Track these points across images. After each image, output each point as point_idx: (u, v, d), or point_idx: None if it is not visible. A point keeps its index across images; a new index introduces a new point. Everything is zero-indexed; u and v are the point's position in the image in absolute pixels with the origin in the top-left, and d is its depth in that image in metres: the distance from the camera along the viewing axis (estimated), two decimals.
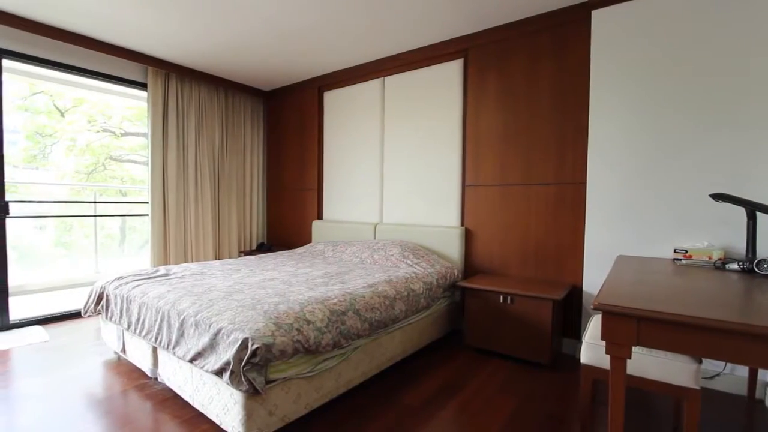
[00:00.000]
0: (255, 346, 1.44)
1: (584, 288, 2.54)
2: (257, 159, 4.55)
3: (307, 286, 2.19)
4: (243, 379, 1.44)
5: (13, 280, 3.11)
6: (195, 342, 1.67)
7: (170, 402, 1.97)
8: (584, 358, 1.58)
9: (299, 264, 2.93)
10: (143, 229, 5.13)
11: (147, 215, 3.66)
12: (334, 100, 3.96)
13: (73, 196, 5.43)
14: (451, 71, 3.12)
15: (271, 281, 2.29)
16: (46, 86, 5.35)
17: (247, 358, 1.43)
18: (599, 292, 1.23)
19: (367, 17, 2.74)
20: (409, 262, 2.85)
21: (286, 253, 3.58)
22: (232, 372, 1.46)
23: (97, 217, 4.89)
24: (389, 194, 3.53)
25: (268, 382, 1.53)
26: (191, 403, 1.85)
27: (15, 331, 2.96)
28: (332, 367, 1.84)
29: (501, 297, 2.50)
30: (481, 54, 2.98)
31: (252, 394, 1.49)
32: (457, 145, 3.11)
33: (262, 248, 4.38)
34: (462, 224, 3.12)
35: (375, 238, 3.52)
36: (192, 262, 3.85)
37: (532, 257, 2.78)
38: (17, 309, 3.13)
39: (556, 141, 2.65)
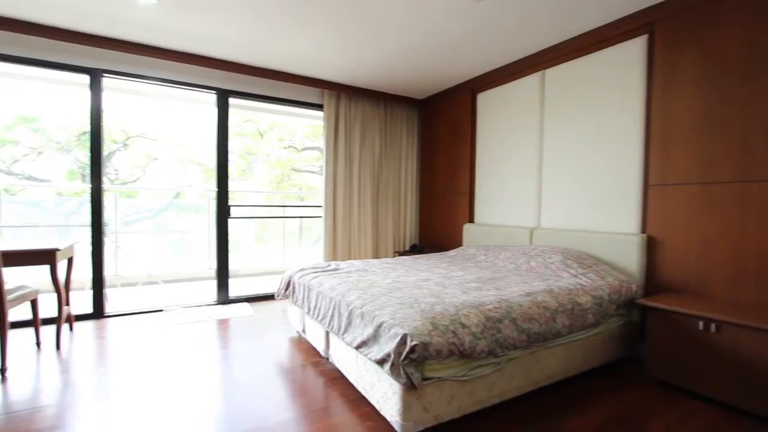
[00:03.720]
0: (413, 343, 1.52)
1: None
2: (411, 165, 4.80)
3: (461, 289, 2.19)
4: (402, 372, 1.53)
5: (230, 266, 4.04)
6: (360, 331, 1.86)
7: (338, 381, 2.24)
8: None
9: (451, 267, 2.95)
10: (316, 229, 6.00)
11: (320, 217, 4.27)
12: (487, 100, 3.87)
13: (267, 201, 6.76)
14: (629, 52, 2.67)
15: (426, 282, 2.37)
16: (252, 115, 6.82)
17: (406, 353, 1.52)
18: None
19: (526, 7, 2.58)
20: (572, 271, 2.55)
21: (437, 255, 3.66)
22: (392, 364, 1.56)
23: (284, 219, 5.96)
24: (548, 196, 3.24)
25: (424, 379, 1.59)
26: (355, 385, 2.06)
27: (232, 305, 3.84)
28: (486, 375, 1.79)
29: (701, 323, 2.01)
30: (672, 26, 2.46)
31: (409, 387, 1.56)
32: (636, 137, 2.64)
33: (414, 249, 4.59)
34: (643, 231, 2.63)
35: (531, 243, 3.28)
36: (355, 259, 4.31)
37: (750, 276, 2.14)
38: (233, 288, 4.05)
39: None
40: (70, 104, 5.51)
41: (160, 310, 3.58)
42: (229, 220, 3.90)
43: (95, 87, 3.25)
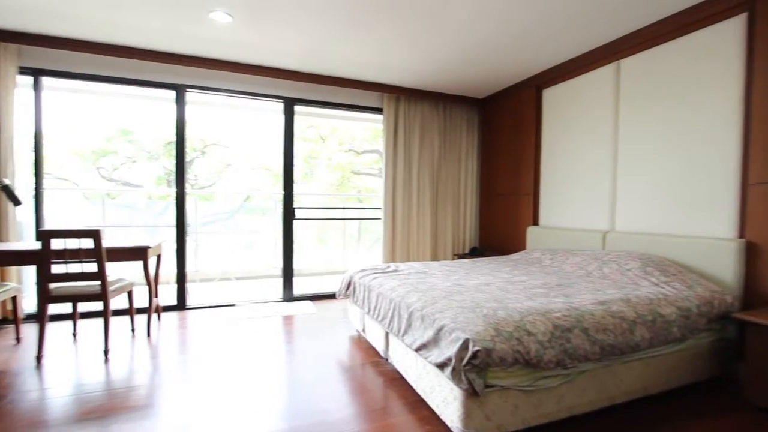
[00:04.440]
0: (476, 349, 1.48)
1: None
2: (471, 166, 4.69)
3: (525, 294, 2.09)
4: (463, 378, 1.50)
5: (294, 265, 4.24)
6: (420, 334, 1.86)
7: (397, 382, 2.25)
8: None
9: (514, 271, 2.84)
10: (374, 230, 6.09)
11: (379, 219, 4.34)
12: (554, 96, 3.67)
13: (327, 204, 7.00)
14: (723, 35, 2.38)
15: (488, 286, 2.30)
16: (315, 121, 7.12)
17: (468, 358, 1.48)
18: None
19: None
20: (653, 279, 2.33)
21: (499, 258, 3.54)
22: (453, 369, 1.54)
23: (344, 220, 6.13)
24: (624, 197, 2.99)
25: (486, 386, 1.54)
26: (414, 387, 2.06)
27: (296, 302, 4.03)
28: (554, 386, 1.69)
29: None
30: None
31: (471, 394, 1.53)
32: (732, 131, 2.34)
33: (474, 252, 4.48)
34: (741, 236, 2.32)
35: (604, 247, 3.05)
36: (413, 261, 4.31)
37: None
38: (297, 287, 4.25)
39: None
40: (158, 117, 6.16)
41: (233, 305, 3.86)
42: (294, 222, 4.10)
43: (180, 101, 3.61)
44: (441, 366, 1.64)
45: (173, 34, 3.03)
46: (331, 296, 4.24)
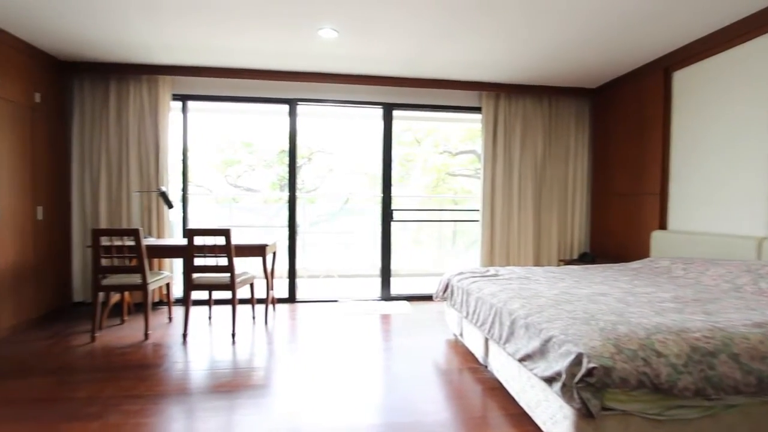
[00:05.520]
0: (591, 365, 1.34)
1: None
2: (581, 164, 4.27)
3: (652, 309, 1.83)
4: (575, 396, 1.37)
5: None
6: (524, 343, 1.75)
7: (498, 392, 2.15)
8: None
9: (635, 281, 2.50)
10: (469, 232, 5.94)
11: (476, 221, 4.21)
12: (688, 79, 3.14)
13: (422, 205, 7.04)
14: None
15: (603, 296, 2.07)
16: (411, 124, 7.23)
17: (582, 375, 1.35)
18: None
19: None
20: None
21: (615, 266, 3.15)
22: (563, 385, 1.41)
23: (440, 222, 6.10)
24: None
25: (604, 408, 1.38)
26: (517, 399, 1.94)
27: (393, 302, 4.13)
28: (691, 419, 1.44)
29: None
30: None
31: (584, 415, 1.38)
32: None
33: (584, 259, 4.07)
34: None
35: (759, 257, 2.50)
36: (514, 265, 4.09)
37: None
38: (393, 287, 4.35)
39: None
40: (273, 129, 6.90)
41: (336, 301, 4.12)
42: (391, 223, 4.21)
43: (292, 113, 3.99)
44: (549, 380, 1.52)
45: (286, 53, 3.36)
46: (426, 298, 4.24)
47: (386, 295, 4.22)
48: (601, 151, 4.20)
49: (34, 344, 2.83)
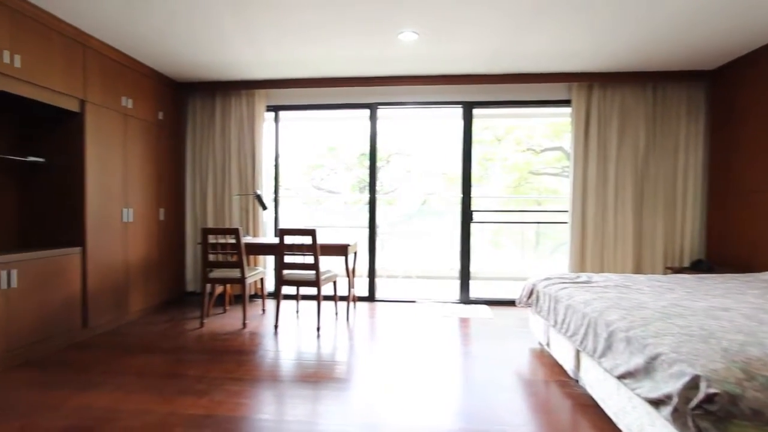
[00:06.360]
0: (711, 391, 1.15)
1: None
2: (693, 157, 3.72)
3: None
4: (690, 425, 1.19)
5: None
6: (625, 359, 1.57)
7: (591, 410, 1.96)
8: None
9: None
10: (554, 235, 5.53)
11: (565, 223, 3.90)
12: None
13: (502, 206, 6.73)
14: None
15: (726, 312, 1.77)
16: (490, 122, 6.97)
17: (700, 401, 1.17)
18: None
19: None
20: None
21: (740, 277, 2.68)
22: (675, 409, 1.24)
23: (521, 224, 5.78)
24: None
25: None
26: (614, 420, 1.76)
27: (472, 306, 4.01)
28: None
29: None
30: None
31: None
32: None
33: (698, 267, 3.53)
34: None
35: None
36: (609, 272, 3.71)
37: None
38: (472, 290, 4.23)
39: None
40: (354, 133, 7.18)
41: (414, 301, 4.14)
42: (471, 225, 4.10)
43: (372, 117, 4.11)
44: (655, 403, 1.35)
45: (367, 59, 3.46)
46: (508, 302, 4.05)
47: (465, 298, 4.12)
48: (722, 141, 3.60)
49: (157, 326, 3.31)
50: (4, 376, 2.35)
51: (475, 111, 4.05)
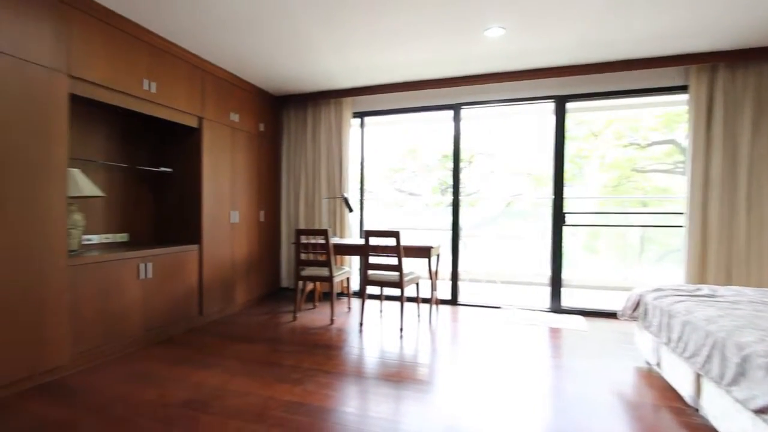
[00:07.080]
0: None
1: None
2: None
3: None
4: None
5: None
6: (764, 390, 1.32)
7: None
8: None
9: None
10: (663, 240, 4.85)
11: (680, 227, 3.40)
12: None
13: (599, 207, 6.10)
14: None
15: None
16: (584, 116, 6.39)
17: None
18: None
19: None
20: None
21: None
22: None
23: (625, 227, 5.18)
24: None
25: None
26: None
27: (564, 315, 3.72)
28: None
29: None
30: None
31: None
32: None
33: None
34: None
35: None
36: (738, 285, 3.15)
37: None
38: (564, 298, 3.91)
39: None
40: (436, 135, 7.15)
41: (498, 307, 3.97)
42: (563, 228, 3.81)
43: (456, 118, 4.06)
44: None
45: (450, 60, 3.42)
46: (606, 314, 3.67)
47: (556, 307, 3.83)
48: None
49: (256, 318, 3.66)
50: (146, 351, 2.81)
51: (569, 105, 3.75)
